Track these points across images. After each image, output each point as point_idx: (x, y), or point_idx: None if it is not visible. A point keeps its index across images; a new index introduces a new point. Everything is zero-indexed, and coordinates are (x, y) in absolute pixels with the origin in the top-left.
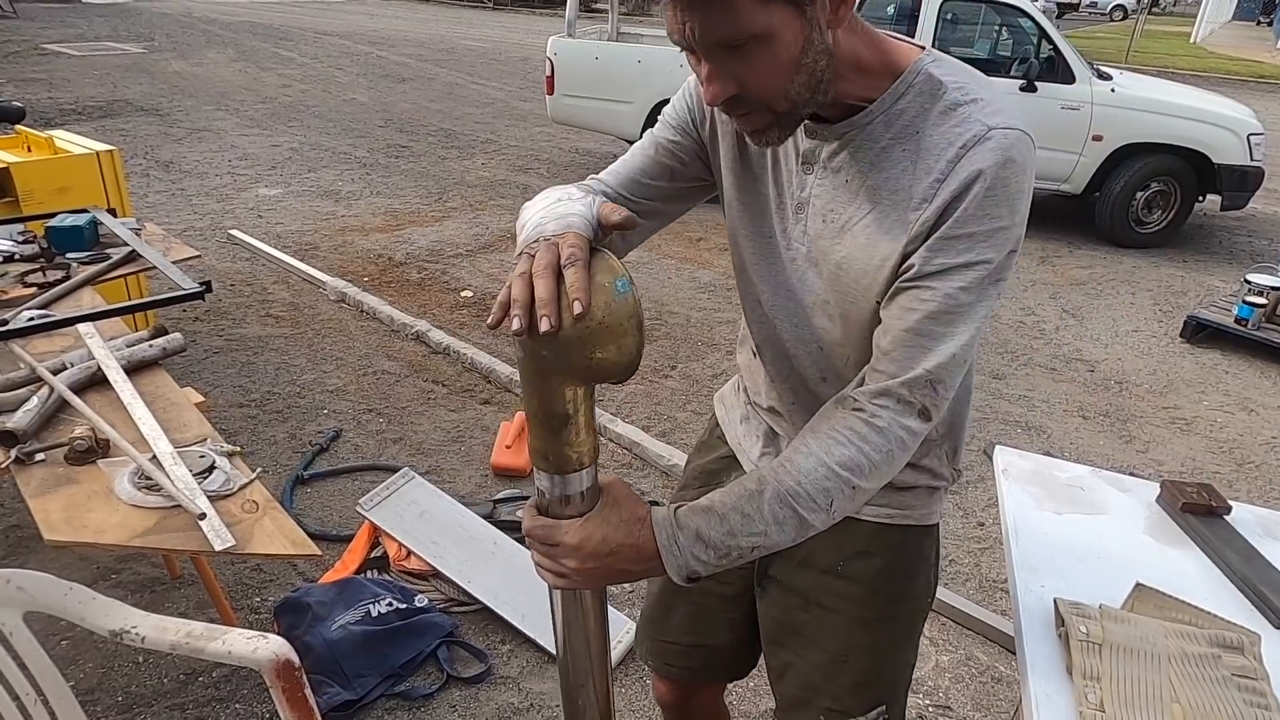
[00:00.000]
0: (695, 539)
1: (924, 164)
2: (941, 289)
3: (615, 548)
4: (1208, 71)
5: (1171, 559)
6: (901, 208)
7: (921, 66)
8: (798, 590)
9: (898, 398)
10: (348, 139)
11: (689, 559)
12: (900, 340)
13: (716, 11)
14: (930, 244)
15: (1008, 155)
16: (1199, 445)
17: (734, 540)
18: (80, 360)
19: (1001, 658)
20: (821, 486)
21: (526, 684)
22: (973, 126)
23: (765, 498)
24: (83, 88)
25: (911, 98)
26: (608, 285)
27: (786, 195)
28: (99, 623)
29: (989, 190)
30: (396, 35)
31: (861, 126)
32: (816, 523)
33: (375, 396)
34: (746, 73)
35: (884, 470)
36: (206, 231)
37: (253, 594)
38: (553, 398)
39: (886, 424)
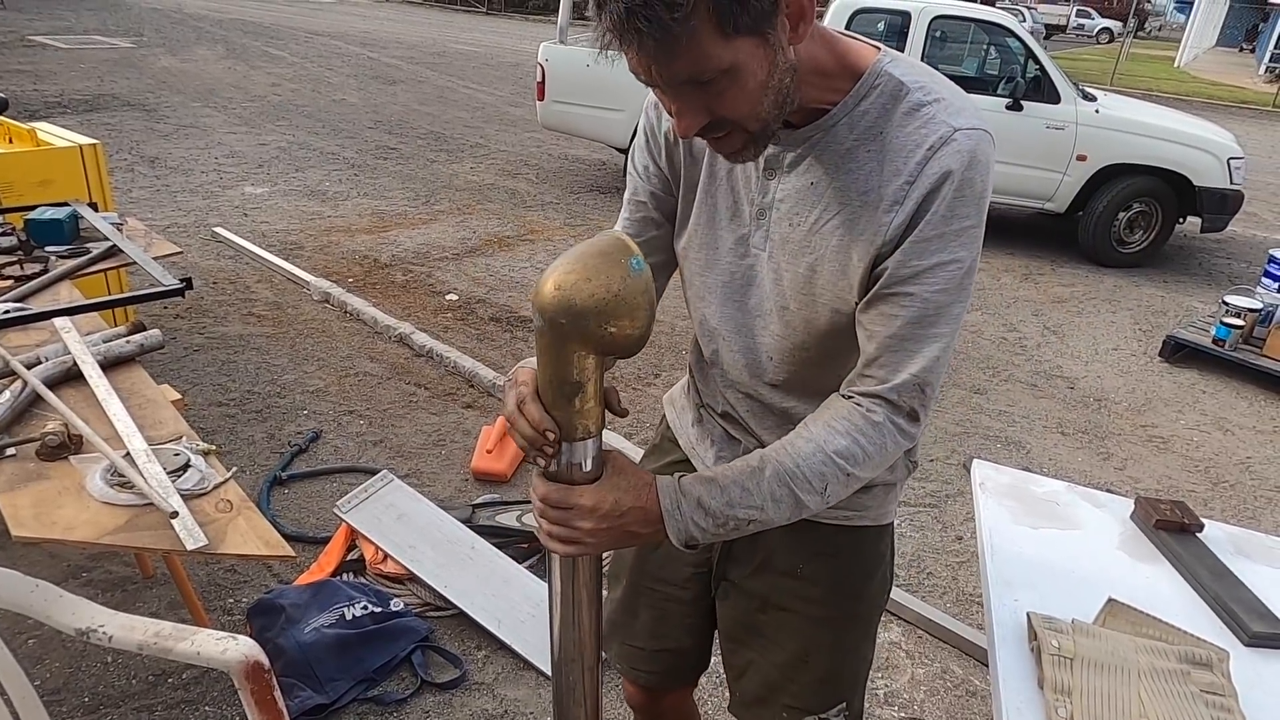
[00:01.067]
0: (697, 506)
1: (891, 165)
2: (919, 293)
3: (626, 510)
4: (1191, 95)
5: (1144, 575)
6: (871, 209)
7: (881, 67)
8: (756, 593)
9: (888, 401)
10: (336, 139)
11: (689, 524)
12: (885, 347)
13: (681, 54)
14: (904, 248)
15: (973, 155)
16: (1175, 463)
17: (732, 511)
18: (55, 355)
19: (977, 671)
20: (818, 471)
21: (501, 690)
22: (938, 128)
23: (765, 475)
24: (69, 81)
25: (874, 99)
26: (623, 263)
27: (744, 202)
28: (65, 621)
29: (957, 191)
30: (388, 37)
31: (826, 129)
32: (810, 504)
33: (356, 398)
34: (716, 104)
35: (876, 461)
36: (190, 228)
37: (226, 595)
38: (567, 366)
39: (881, 420)
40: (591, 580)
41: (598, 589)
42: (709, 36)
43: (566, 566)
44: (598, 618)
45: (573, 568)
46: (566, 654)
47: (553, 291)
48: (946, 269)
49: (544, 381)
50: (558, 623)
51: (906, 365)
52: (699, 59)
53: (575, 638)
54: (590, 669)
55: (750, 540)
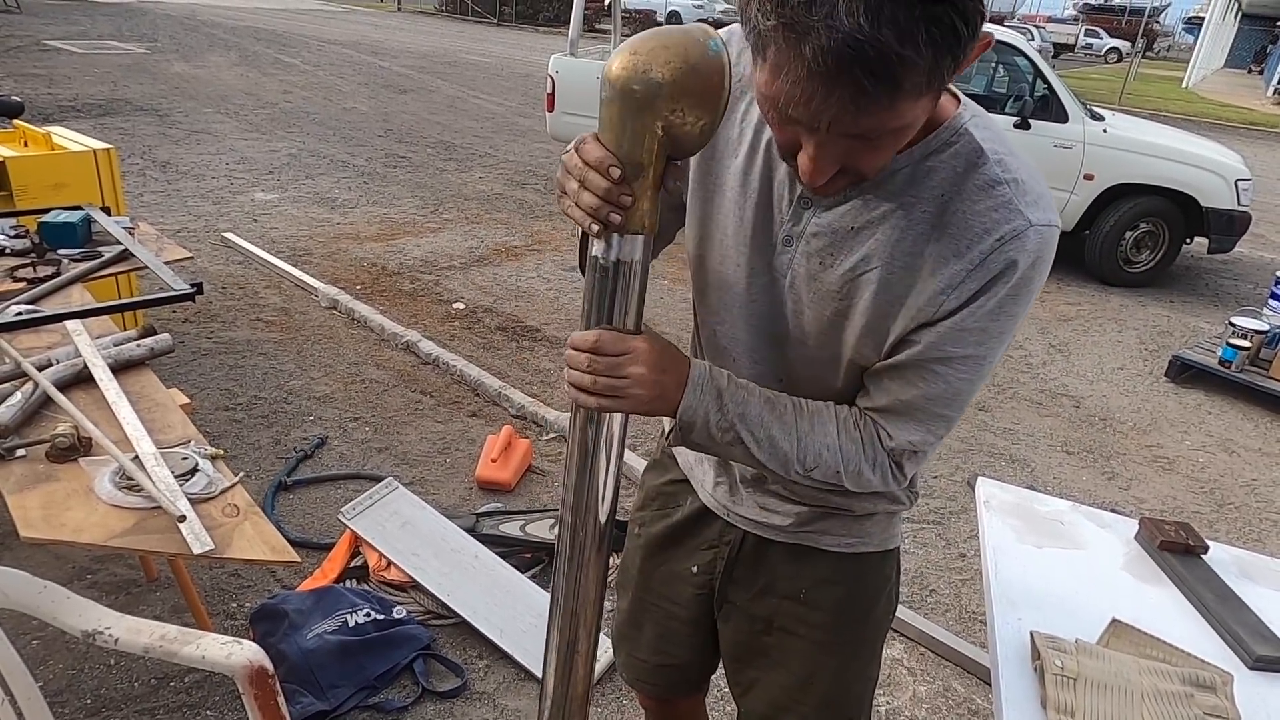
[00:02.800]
0: (717, 395)
1: (953, 242)
2: (945, 375)
3: (668, 365)
4: (1199, 116)
5: (1148, 596)
6: (919, 278)
7: (962, 124)
8: (759, 616)
9: (886, 448)
10: (346, 147)
11: (701, 407)
12: (896, 407)
13: (874, 112)
14: (943, 329)
15: (1039, 256)
16: (1180, 484)
17: (738, 425)
18: (67, 357)
19: (979, 690)
20: (818, 450)
21: (502, 700)
22: (1013, 218)
23: (784, 418)
24: (83, 85)
25: (946, 157)
26: (703, 41)
27: (775, 226)
28: (72, 623)
29: (1013, 289)
30: (400, 47)
31: (884, 176)
32: (794, 471)
33: (362, 405)
34: (859, 158)
35: (858, 483)
36: (200, 233)
37: (229, 599)
38: (634, 142)
39: (884, 458)
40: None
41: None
42: (909, 96)
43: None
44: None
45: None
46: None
47: (628, 57)
48: (981, 362)
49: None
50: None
51: (908, 431)
52: (886, 119)
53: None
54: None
55: (752, 565)
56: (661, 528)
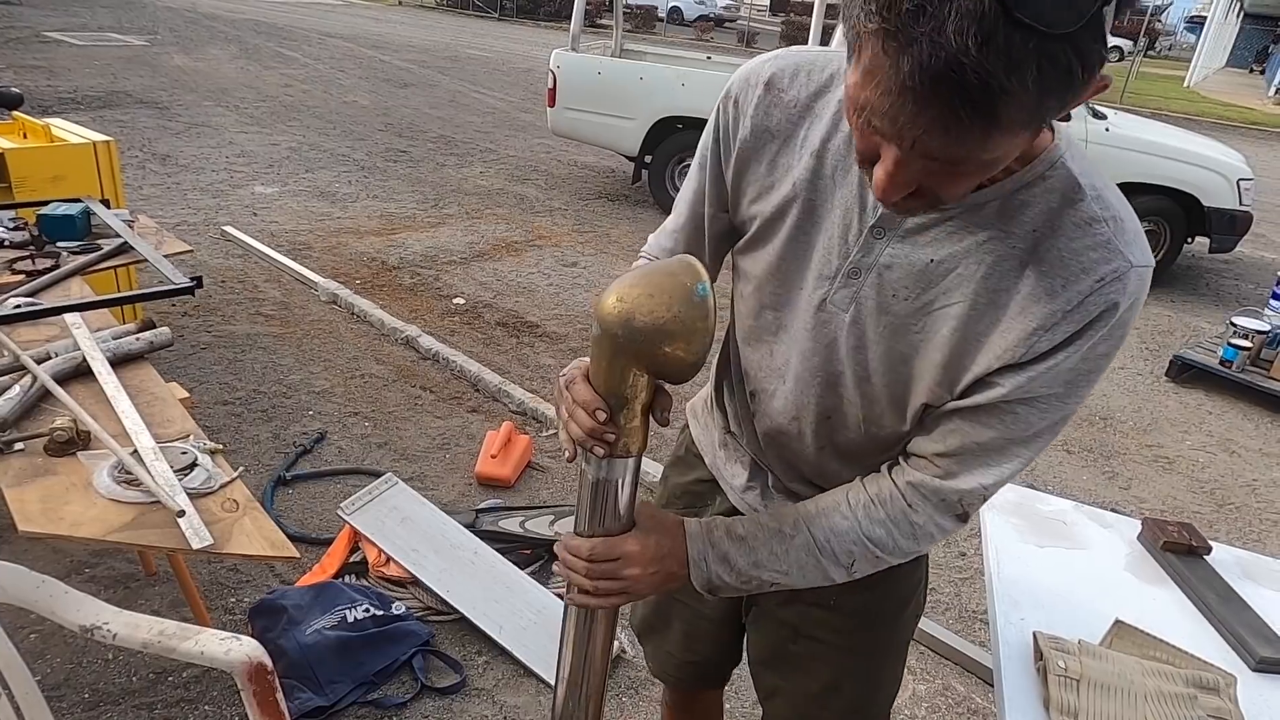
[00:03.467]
0: (722, 560)
1: (1047, 281)
2: (1026, 416)
3: (667, 552)
4: (1201, 115)
5: (1151, 597)
6: (1006, 316)
7: (1058, 157)
8: (787, 622)
9: (944, 499)
10: (347, 141)
11: (713, 575)
12: (966, 450)
13: (963, 140)
14: (1034, 372)
15: (1138, 299)
16: (1180, 484)
17: (757, 573)
18: (65, 350)
19: (979, 689)
20: (848, 549)
21: (501, 697)
22: (1114, 259)
23: (794, 544)
24: (83, 77)
25: (1040, 192)
26: (688, 286)
27: (837, 256)
28: (70, 617)
29: (1109, 331)
30: (401, 40)
31: (971, 207)
32: (836, 576)
33: (362, 400)
34: (945, 184)
35: (905, 553)
36: (200, 227)
37: (228, 594)
38: (618, 379)
39: (923, 521)
40: (605, 642)
41: (607, 654)
42: (1006, 131)
43: (582, 630)
44: (602, 684)
45: (589, 630)
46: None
47: (614, 304)
48: (1064, 403)
49: (599, 389)
50: (564, 685)
51: (980, 473)
52: (976, 150)
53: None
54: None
55: None
56: None
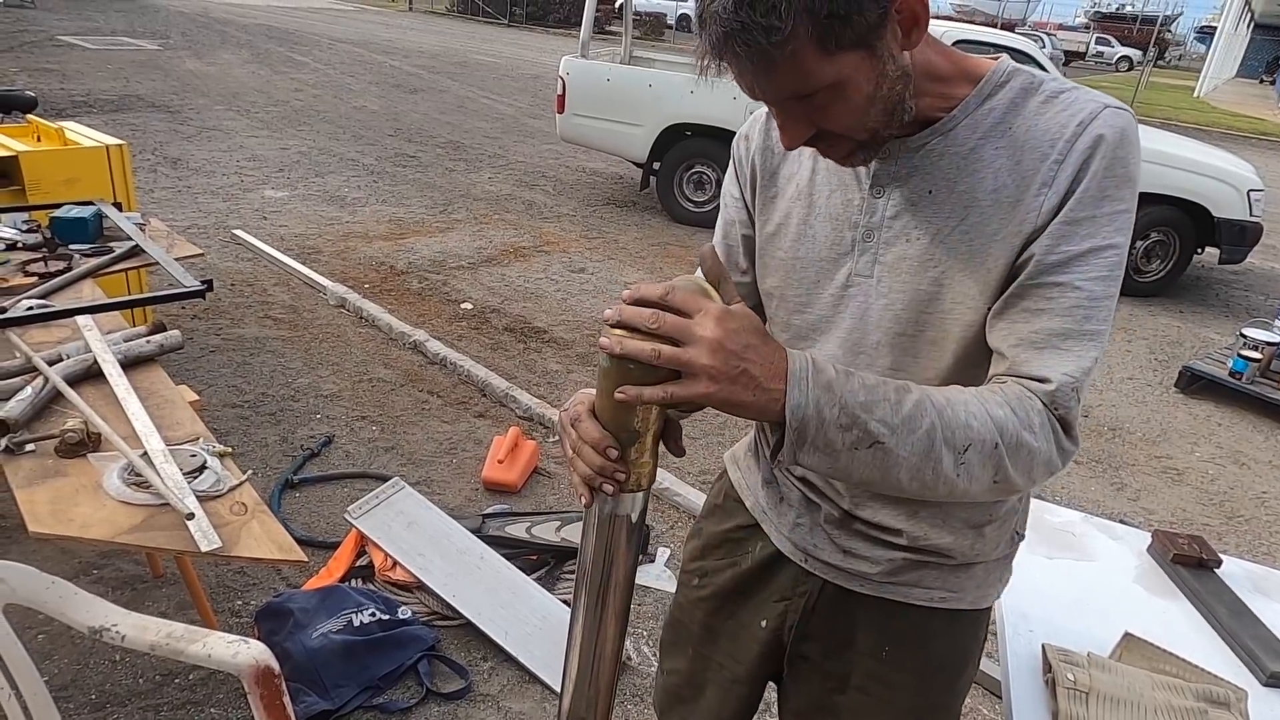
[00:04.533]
0: (827, 387)
1: (1032, 152)
2: (1072, 281)
3: (753, 344)
4: (1210, 126)
5: (1160, 609)
6: (1009, 203)
7: (1007, 68)
8: (834, 673)
9: (1043, 404)
10: (356, 146)
11: (810, 401)
12: (1032, 343)
13: (781, 73)
14: (1053, 230)
15: (1124, 133)
16: (1190, 496)
17: (865, 416)
18: (77, 352)
19: (986, 700)
20: (965, 421)
21: (506, 703)
22: (1086, 105)
23: (911, 398)
24: (95, 81)
25: (1001, 96)
26: None
27: (845, 227)
28: (79, 618)
29: (1109, 168)
30: (410, 46)
31: (944, 134)
32: (945, 463)
33: (369, 404)
34: (820, 118)
35: (1024, 457)
36: (210, 230)
37: (234, 597)
38: (629, 414)
39: (1039, 413)
40: (616, 637)
41: (619, 647)
42: (810, 55)
43: (591, 620)
44: (614, 678)
45: (599, 619)
46: (576, 712)
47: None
48: (1103, 255)
49: (606, 422)
50: (572, 679)
51: (1060, 364)
52: (800, 77)
53: (590, 696)
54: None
55: (830, 617)
56: (729, 577)
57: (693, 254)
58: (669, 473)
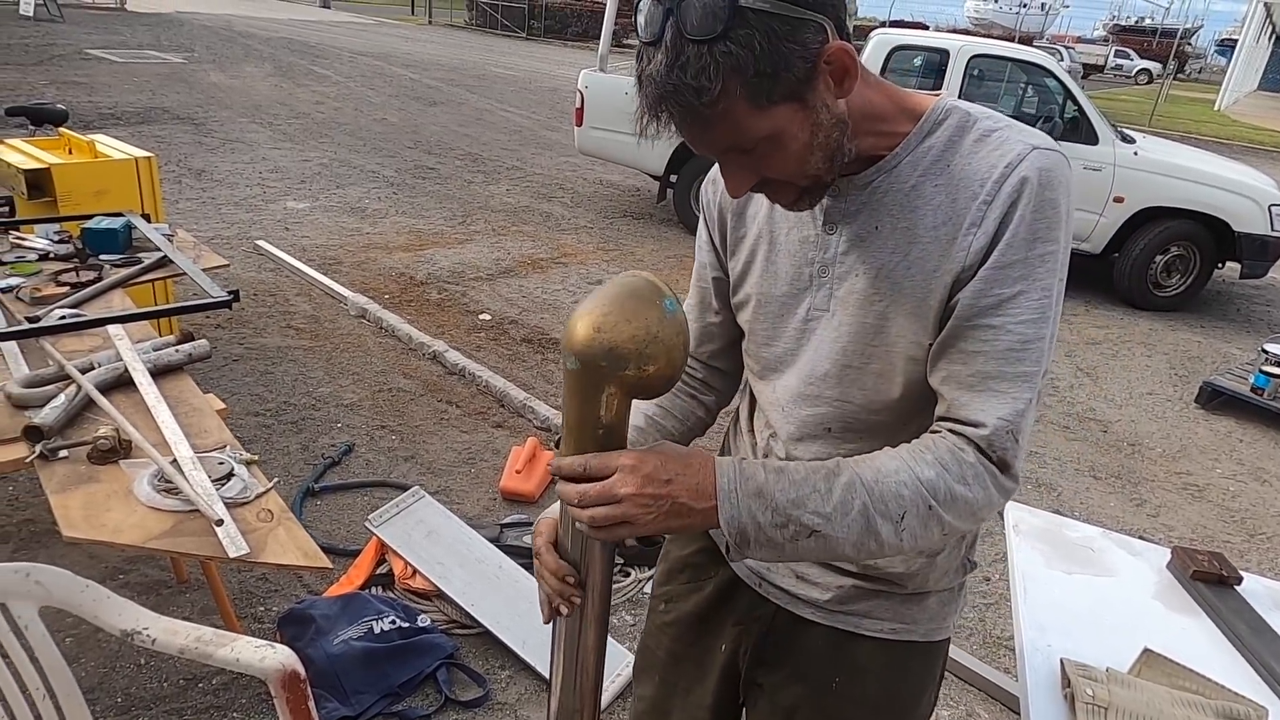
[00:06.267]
0: (757, 494)
1: (965, 191)
2: (1003, 324)
3: (673, 476)
4: (1231, 139)
5: (1180, 626)
6: (945, 240)
7: (945, 104)
8: (785, 706)
9: (978, 448)
10: (376, 158)
11: (743, 511)
12: (967, 387)
13: (716, 128)
14: (983, 274)
15: (1051, 173)
16: (1210, 513)
17: (796, 512)
18: (108, 361)
19: (1004, 716)
20: (896, 492)
21: (524, 711)
22: (1014, 147)
23: (840, 480)
24: (122, 93)
25: (939, 134)
26: (659, 304)
27: (804, 263)
28: (111, 622)
29: (1036, 210)
30: (430, 59)
31: (888, 171)
32: (884, 533)
33: (389, 413)
34: (762, 167)
35: (961, 508)
36: (234, 240)
37: (257, 603)
38: (598, 408)
39: (973, 462)
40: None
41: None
42: (743, 111)
43: (572, 624)
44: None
45: (579, 625)
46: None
47: (592, 334)
48: (1031, 298)
49: (573, 423)
50: (559, 685)
51: (995, 408)
52: (736, 131)
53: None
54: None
55: (783, 645)
56: (693, 603)
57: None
58: None
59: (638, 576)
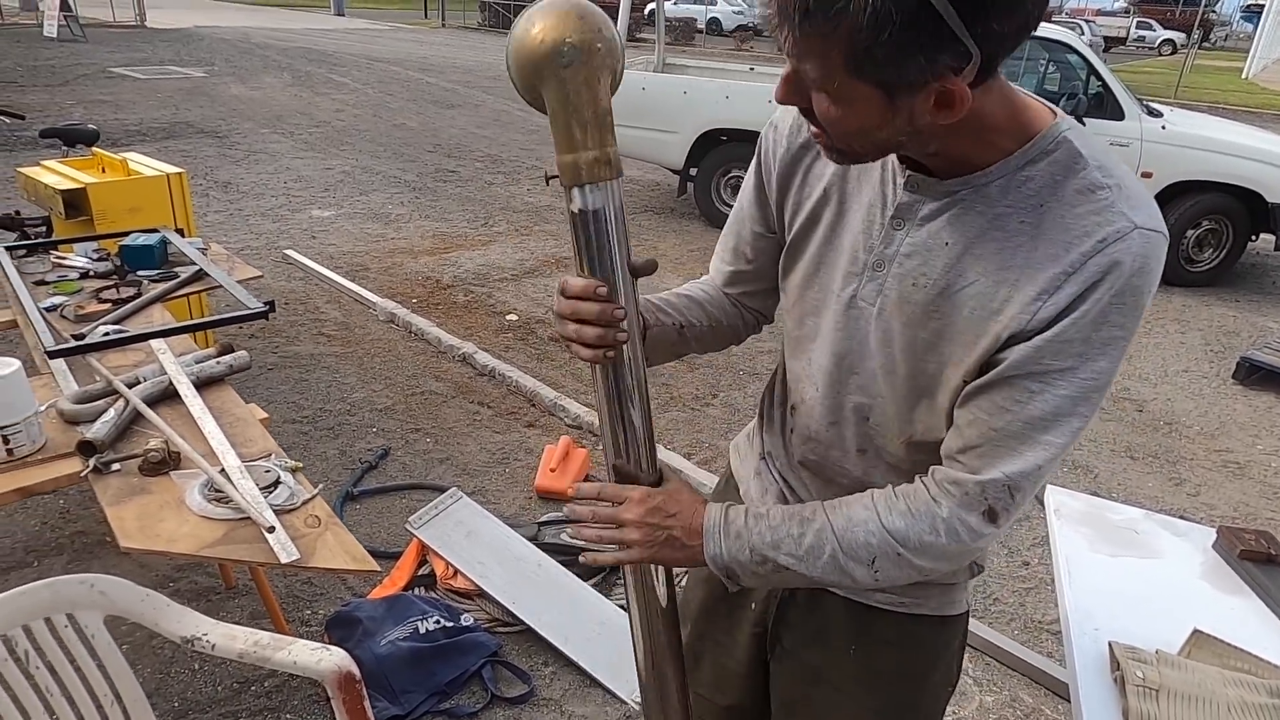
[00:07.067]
0: (736, 536)
1: (1050, 247)
2: (1042, 391)
3: (673, 514)
4: (1261, 108)
5: (1229, 606)
6: (1014, 287)
7: (1059, 133)
8: (809, 665)
9: (966, 492)
10: (397, 163)
11: (725, 551)
12: (986, 438)
13: (807, 51)
14: (1041, 342)
15: (1145, 262)
16: (1253, 490)
17: (774, 554)
18: (153, 375)
19: (1047, 700)
20: (864, 540)
21: (569, 706)
22: (1115, 220)
23: (812, 527)
24: (146, 110)
25: (1043, 166)
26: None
27: (862, 250)
28: (172, 629)
29: (1117, 296)
30: (445, 62)
31: (976, 187)
32: (857, 574)
33: (423, 416)
34: (816, 104)
35: (934, 554)
36: (262, 251)
37: (303, 607)
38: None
39: (947, 514)
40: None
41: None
42: (837, 61)
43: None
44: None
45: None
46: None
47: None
48: (1080, 376)
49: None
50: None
51: (1002, 462)
52: (820, 67)
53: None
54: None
55: (806, 609)
56: None
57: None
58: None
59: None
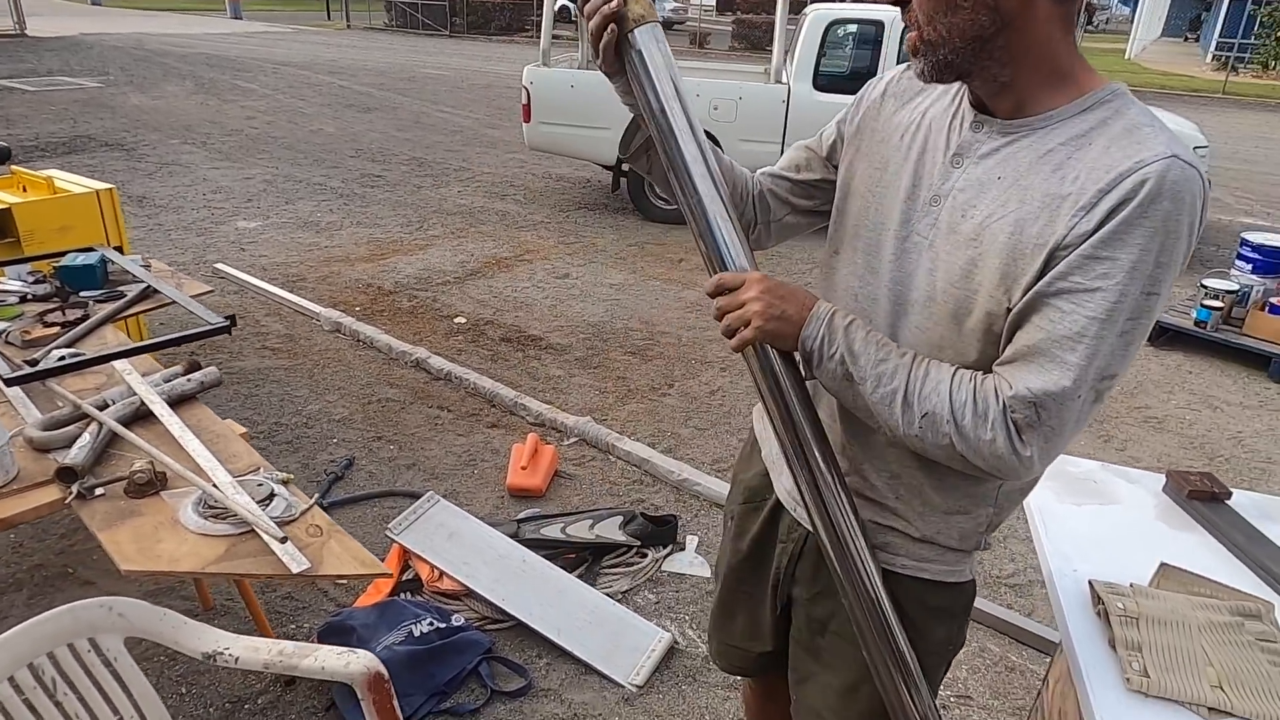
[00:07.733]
0: (832, 329)
1: (1093, 173)
2: (1073, 313)
3: (784, 296)
4: (1144, 86)
5: (1183, 541)
6: (1054, 211)
7: (1114, 90)
8: (816, 616)
9: (1002, 402)
10: (320, 170)
11: (818, 335)
12: (1020, 353)
13: None
14: (1071, 258)
15: (1176, 188)
16: (1172, 442)
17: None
18: (120, 396)
19: (1012, 648)
20: (928, 394)
21: (568, 695)
22: (1155, 148)
23: (895, 360)
24: (41, 124)
25: (1097, 112)
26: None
27: (923, 187)
28: (193, 645)
29: (1143, 215)
30: (355, 64)
31: (1034, 130)
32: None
33: (383, 424)
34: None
35: (971, 444)
36: (190, 266)
37: (287, 621)
38: None
39: (994, 415)
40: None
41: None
42: None
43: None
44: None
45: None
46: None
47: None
48: (1106, 298)
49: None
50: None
51: (1027, 378)
52: None
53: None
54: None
55: (813, 565)
56: (750, 521)
57: (670, 251)
58: (689, 465)
59: (655, 556)
